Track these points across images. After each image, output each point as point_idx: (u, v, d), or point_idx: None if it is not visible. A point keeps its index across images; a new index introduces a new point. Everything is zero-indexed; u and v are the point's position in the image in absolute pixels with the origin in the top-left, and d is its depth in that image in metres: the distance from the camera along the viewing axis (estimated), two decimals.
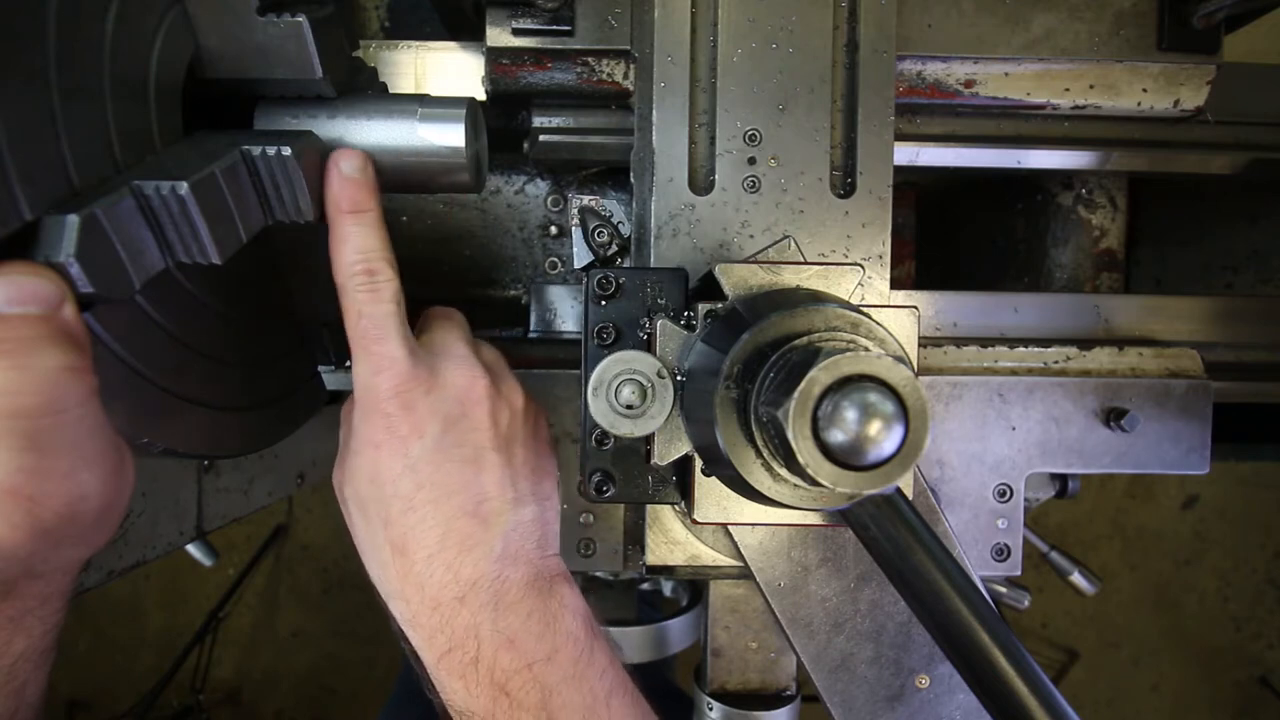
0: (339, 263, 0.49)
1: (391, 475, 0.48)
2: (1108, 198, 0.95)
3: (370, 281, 0.48)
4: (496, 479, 0.50)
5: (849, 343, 0.39)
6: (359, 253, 0.48)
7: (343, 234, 0.49)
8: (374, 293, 0.48)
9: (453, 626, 0.48)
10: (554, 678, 0.49)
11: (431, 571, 0.48)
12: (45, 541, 0.38)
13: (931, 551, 0.43)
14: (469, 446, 0.50)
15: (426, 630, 0.49)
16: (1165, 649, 2.23)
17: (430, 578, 0.48)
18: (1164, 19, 0.68)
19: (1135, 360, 0.72)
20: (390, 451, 0.48)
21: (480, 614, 0.48)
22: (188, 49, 0.49)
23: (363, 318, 0.48)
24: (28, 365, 0.35)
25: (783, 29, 0.60)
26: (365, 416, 0.49)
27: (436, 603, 0.48)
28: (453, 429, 0.49)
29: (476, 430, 0.50)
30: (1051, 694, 0.41)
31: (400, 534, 0.48)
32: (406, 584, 0.49)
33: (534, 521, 0.52)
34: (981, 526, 0.69)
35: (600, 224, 0.82)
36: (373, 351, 0.48)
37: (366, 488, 0.49)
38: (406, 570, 0.48)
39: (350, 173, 0.49)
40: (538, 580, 0.51)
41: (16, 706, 0.46)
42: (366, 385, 0.49)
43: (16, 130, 0.35)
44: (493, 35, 0.66)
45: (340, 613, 2.15)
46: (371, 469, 0.49)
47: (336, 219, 0.49)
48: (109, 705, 2.08)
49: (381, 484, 0.49)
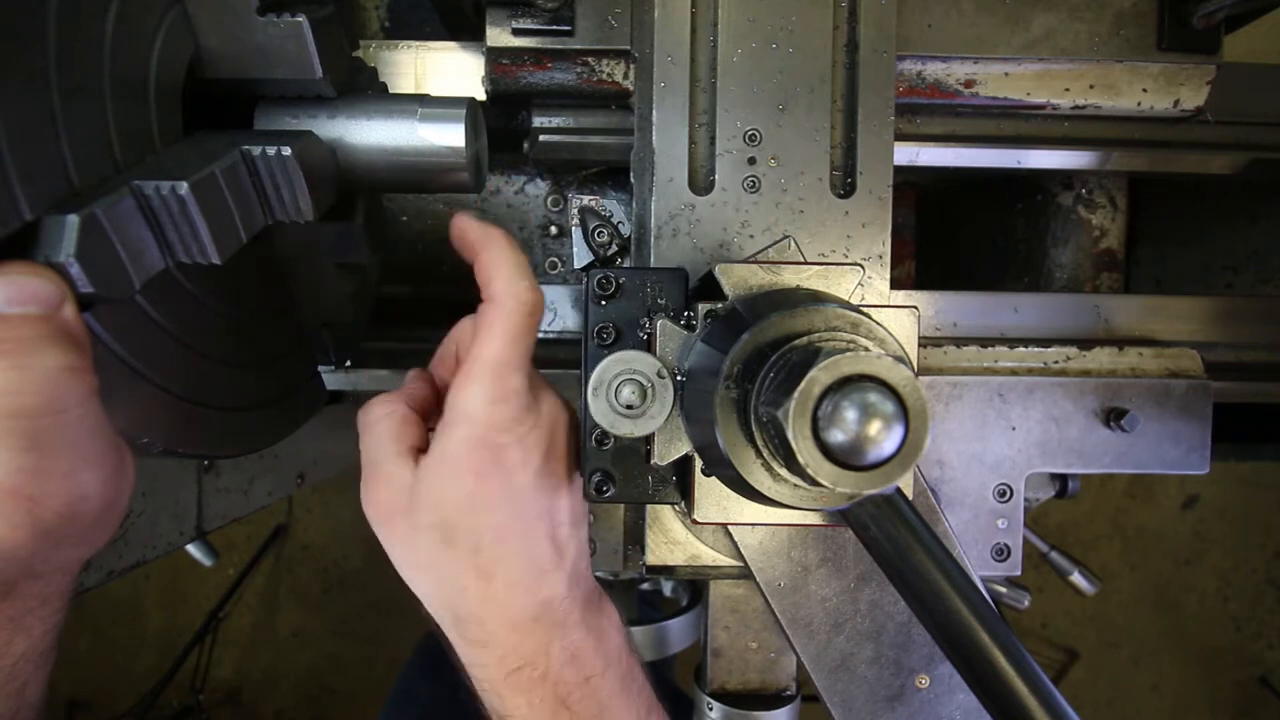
0: (504, 273, 0.49)
1: (491, 505, 0.48)
2: (1108, 198, 0.95)
3: (531, 309, 0.49)
4: (568, 505, 0.52)
5: (849, 343, 0.39)
6: (527, 277, 0.49)
7: (502, 246, 0.50)
8: (529, 319, 0.48)
9: (526, 646, 0.49)
10: (607, 692, 0.51)
11: (514, 596, 0.49)
12: (45, 541, 0.38)
13: (931, 551, 0.43)
14: (554, 476, 0.51)
15: (500, 650, 0.50)
16: (1165, 649, 2.23)
17: (511, 602, 0.49)
18: (1164, 19, 0.68)
19: (1135, 360, 0.72)
20: (495, 482, 0.48)
21: (551, 632, 0.50)
22: (188, 49, 0.49)
23: (512, 344, 0.48)
24: (28, 365, 0.35)
25: (783, 29, 0.60)
26: (471, 444, 0.47)
27: (515, 624, 0.49)
28: (546, 460, 0.50)
29: (560, 460, 0.51)
30: (1051, 694, 0.41)
31: (489, 561, 0.48)
32: (486, 607, 0.49)
33: (587, 541, 0.54)
34: (981, 526, 0.69)
35: (600, 224, 0.82)
36: (502, 379, 0.47)
37: (460, 515, 0.48)
38: (489, 595, 0.49)
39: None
40: (590, 598, 0.53)
41: (18, 706, 0.46)
42: (481, 411, 0.47)
43: (16, 130, 0.35)
44: (493, 35, 0.66)
45: (340, 613, 2.15)
46: (470, 497, 0.48)
47: (494, 239, 0.50)
48: (109, 705, 2.08)
49: (479, 513, 0.48)
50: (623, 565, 0.71)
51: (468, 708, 0.55)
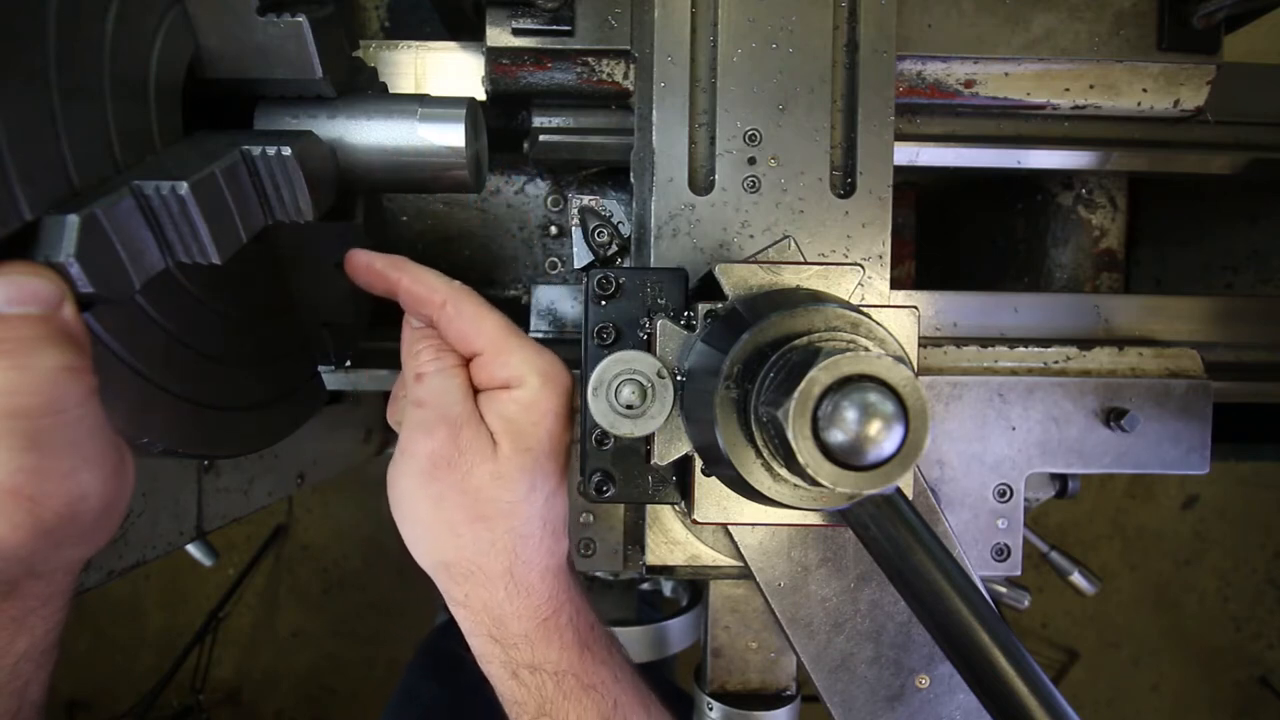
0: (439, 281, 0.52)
1: (560, 449, 0.53)
2: (1108, 198, 0.95)
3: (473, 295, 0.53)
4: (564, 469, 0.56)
5: (849, 343, 0.39)
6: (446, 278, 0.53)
7: (419, 268, 0.53)
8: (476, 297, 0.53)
9: (558, 592, 0.53)
10: (606, 635, 0.56)
11: (554, 544, 0.54)
12: (46, 541, 0.38)
13: (931, 551, 0.43)
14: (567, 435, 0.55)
15: (539, 596, 0.53)
16: (1165, 649, 2.23)
17: (554, 549, 0.54)
18: (1164, 19, 0.68)
19: (1135, 360, 0.72)
20: (564, 424, 0.53)
21: (568, 580, 0.55)
22: (188, 49, 0.49)
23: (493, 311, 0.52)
24: (28, 365, 0.35)
25: (783, 29, 0.60)
26: (547, 384, 0.51)
27: (551, 571, 0.53)
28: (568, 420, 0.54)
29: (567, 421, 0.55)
30: (1051, 694, 0.41)
31: (552, 508, 0.53)
32: (539, 552, 0.53)
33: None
34: (981, 526, 0.69)
35: (600, 224, 0.82)
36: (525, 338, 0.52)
37: (546, 459, 0.52)
38: (543, 540, 0.53)
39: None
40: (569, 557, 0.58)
41: (19, 706, 0.46)
42: (542, 360, 0.51)
43: (16, 130, 0.35)
44: (493, 35, 0.66)
45: (340, 613, 2.15)
46: (551, 438, 0.52)
47: (404, 263, 0.53)
48: (109, 705, 2.08)
49: (556, 456, 0.53)
50: (623, 565, 0.71)
51: (468, 708, 0.55)
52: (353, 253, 0.53)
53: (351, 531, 2.13)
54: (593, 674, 0.53)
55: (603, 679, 0.53)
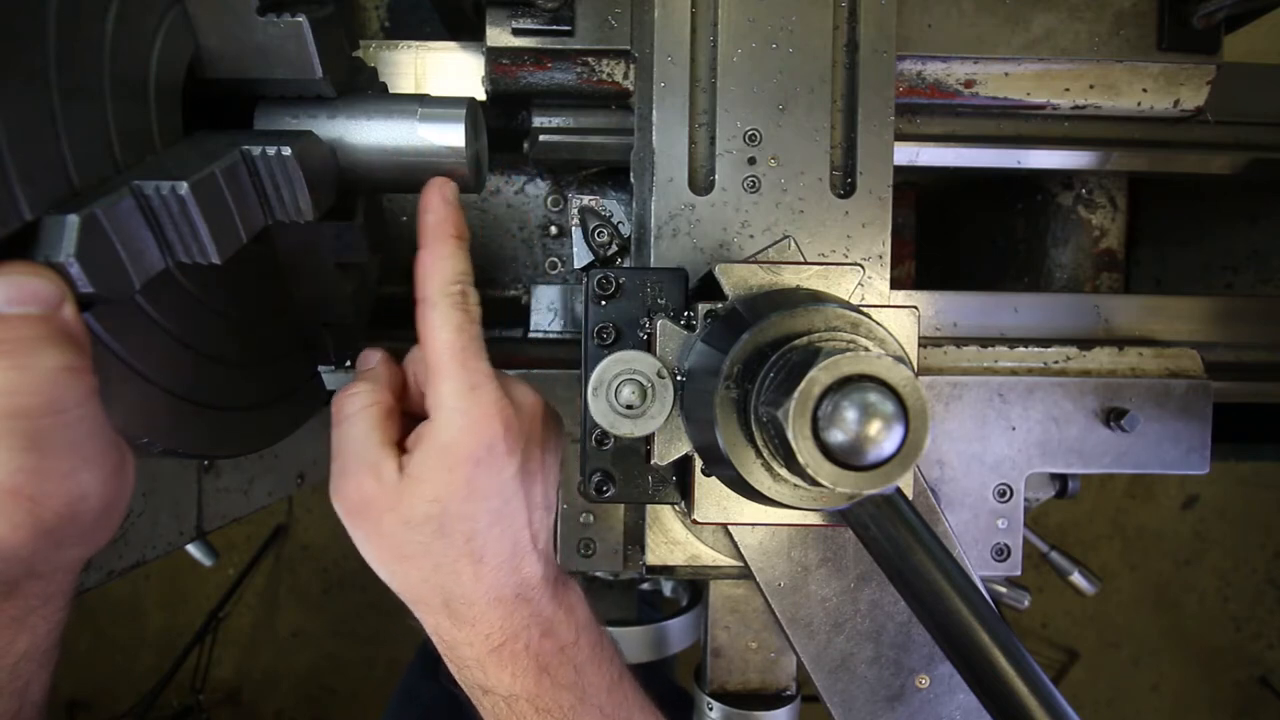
0: (437, 278, 0.49)
1: (486, 493, 0.49)
2: (1108, 198, 0.95)
3: (465, 302, 0.49)
4: (543, 490, 0.53)
5: (849, 343, 0.39)
6: (460, 274, 0.50)
7: (444, 253, 0.50)
8: (469, 312, 0.49)
9: (511, 621, 0.52)
10: (581, 658, 0.54)
11: (500, 576, 0.51)
12: (47, 541, 0.38)
13: (931, 551, 0.43)
14: (534, 464, 0.52)
15: (487, 627, 0.52)
16: (1165, 649, 2.23)
17: (499, 581, 0.51)
18: (1164, 19, 0.68)
19: (1135, 360, 0.72)
20: (489, 469, 0.49)
21: (529, 608, 0.52)
22: (188, 49, 0.49)
23: (461, 333, 0.48)
24: (28, 365, 0.35)
25: (783, 29, 0.60)
26: (465, 432, 0.48)
27: (500, 600, 0.51)
28: (529, 447, 0.51)
29: (536, 449, 0.52)
30: (1051, 694, 0.41)
31: (481, 546, 0.50)
32: (477, 588, 0.51)
33: (552, 525, 0.56)
34: (981, 526, 0.69)
35: (600, 224, 0.82)
36: (470, 367, 0.48)
37: (459, 504, 0.49)
38: (480, 576, 0.51)
39: (452, 198, 0.51)
40: (558, 575, 0.55)
41: (20, 705, 0.46)
42: (466, 401, 0.48)
43: (16, 130, 0.35)
44: (493, 35, 0.66)
45: (340, 613, 2.15)
46: (466, 486, 0.48)
47: (441, 239, 0.50)
48: (109, 705, 2.08)
49: (475, 500, 0.49)
50: (623, 565, 0.71)
51: (469, 708, 0.55)
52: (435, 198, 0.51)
53: None
54: (550, 698, 0.52)
55: (561, 703, 0.52)
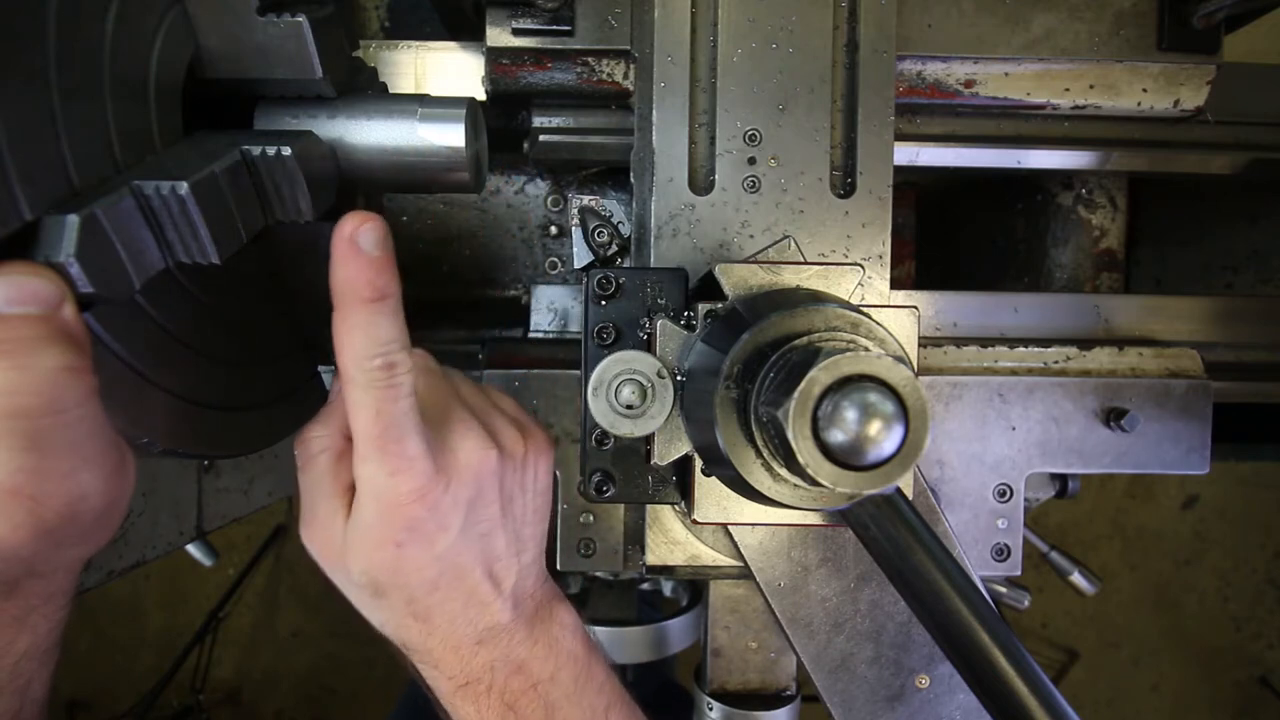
0: (350, 352, 0.43)
1: (417, 567, 0.47)
2: (1108, 198, 0.95)
3: (389, 378, 0.43)
4: (504, 540, 0.51)
5: (849, 343, 0.39)
6: (377, 344, 0.43)
7: (357, 322, 0.43)
8: (393, 389, 0.43)
9: (471, 666, 0.51)
10: (556, 694, 0.52)
11: (454, 629, 0.51)
12: (47, 541, 0.38)
13: (931, 551, 0.43)
14: (485, 522, 0.50)
15: (447, 671, 0.51)
16: (1165, 649, 2.23)
17: (452, 634, 0.51)
18: (1164, 19, 0.68)
19: (1135, 360, 0.72)
20: (415, 548, 0.47)
21: (494, 652, 0.52)
22: (188, 49, 0.49)
23: (380, 416, 0.43)
24: (28, 365, 0.35)
25: (783, 29, 0.60)
26: (382, 518, 0.46)
27: (458, 649, 0.51)
28: (472, 511, 0.49)
29: (490, 504, 0.50)
30: (1051, 694, 0.41)
31: (424, 609, 0.50)
32: (429, 640, 0.51)
33: (534, 561, 0.54)
34: (981, 526, 0.69)
35: (600, 224, 0.82)
36: (390, 452, 0.44)
37: (387, 577, 0.48)
38: (429, 633, 0.51)
39: (370, 249, 0.42)
40: (540, 610, 0.54)
41: (21, 705, 0.46)
42: (383, 486, 0.45)
43: (16, 130, 0.35)
44: (493, 35, 0.66)
45: (340, 613, 2.13)
46: (394, 564, 0.47)
47: (352, 306, 0.43)
48: (109, 705, 2.08)
49: (406, 574, 0.48)
50: (623, 565, 0.71)
51: None
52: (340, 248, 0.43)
53: None
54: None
55: None
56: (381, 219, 0.44)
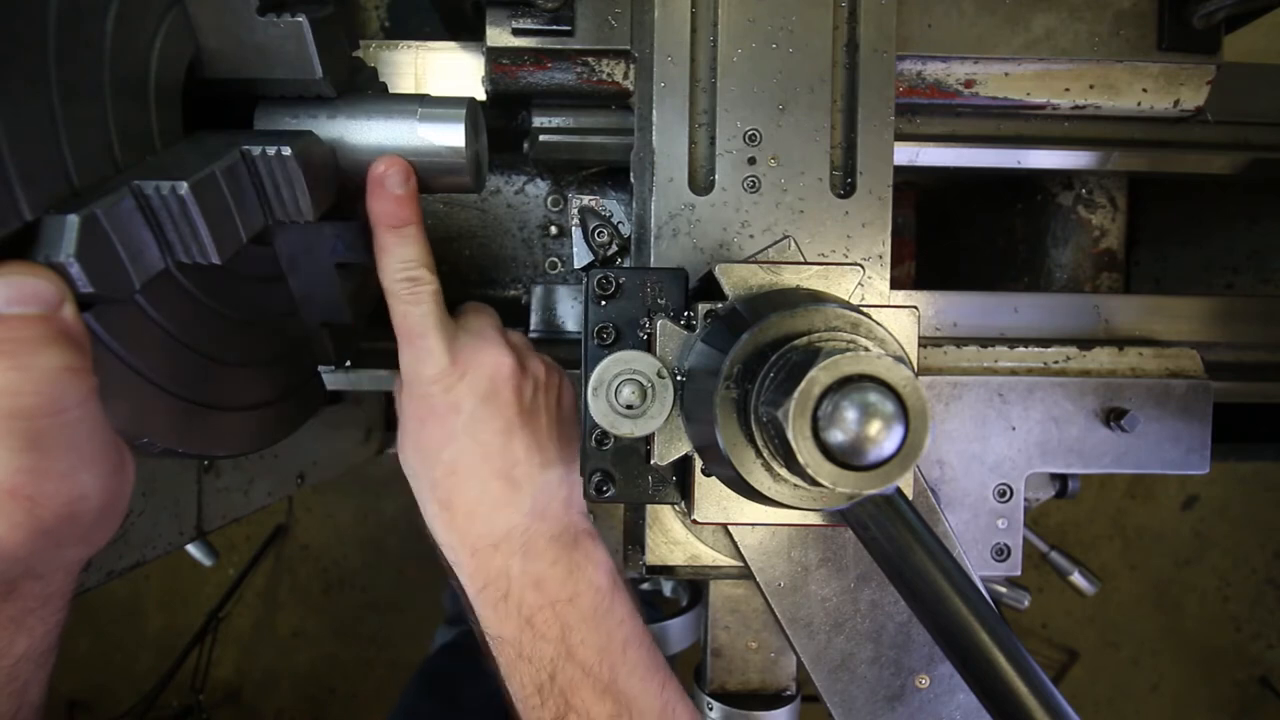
0: (383, 270, 0.54)
1: (435, 445, 0.56)
2: (1108, 198, 0.95)
3: (412, 286, 0.54)
4: (525, 445, 0.57)
5: (849, 343, 0.39)
6: (401, 262, 0.54)
7: (386, 245, 0.54)
8: (415, 295, 0.54)
9: (488, 568, 0.56)
10: (573, 617, 0.56)
11: (471, 524, 0.57)
12: (46, 541, 0.38)
13: (931, 551, 0.43)
14: (500, 419, 0.56)
15: (467, 570, 0.57)
16: (1165, 649, 2.23)
17: (470, 529, 0.57)
18: (1164, 19, 0.68)
19: (1135, 360, 0.72)
20: (433, 426, 0.56)
21: (511, 559, 0.56)
22: (188, 49, 0.49)
23: (407, 317, 0.55)
24: (28, 365, 0.35)
25: (783, 29, 0.60)
26: (411, 398, 0.57)
27: (474, 549, 0.57)
28: (485, 404, 0.56)
29: (507, 405, 0.57)
30: (1051, 694, 0.41)
31: (445, 493, 0.57)
32: (451, 533, 0.57)
33: (560, 482, 0.59)
34: (981, 526, 0.69)
35: (600, 224, 0.82)
36: (415, 345, 0.55)
37: (414, 457, 0.57)
38: (450, 522, 0.57)
39: (394, 188, 0.53)
40: (564, 534, 0.58)
41: (18, 706, 0.46)
42: (412, 373, 0.56)
43: (16, 130, 0.35)
44: (493, 35, 0.66)
45: (340, 613, 2.15)
46: (418, 440, 0.57)
47: (381, 232, 0.54)
48: (109, 705, 2.08)
49: (426, 453, 0.56)
50: (623, 565, 0.71)
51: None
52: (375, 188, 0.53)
53: (351, 531, 2.12)
54: (531, 647, 0.55)
55: (542, 654, 0.55)
56: (406, 163, 0.54)
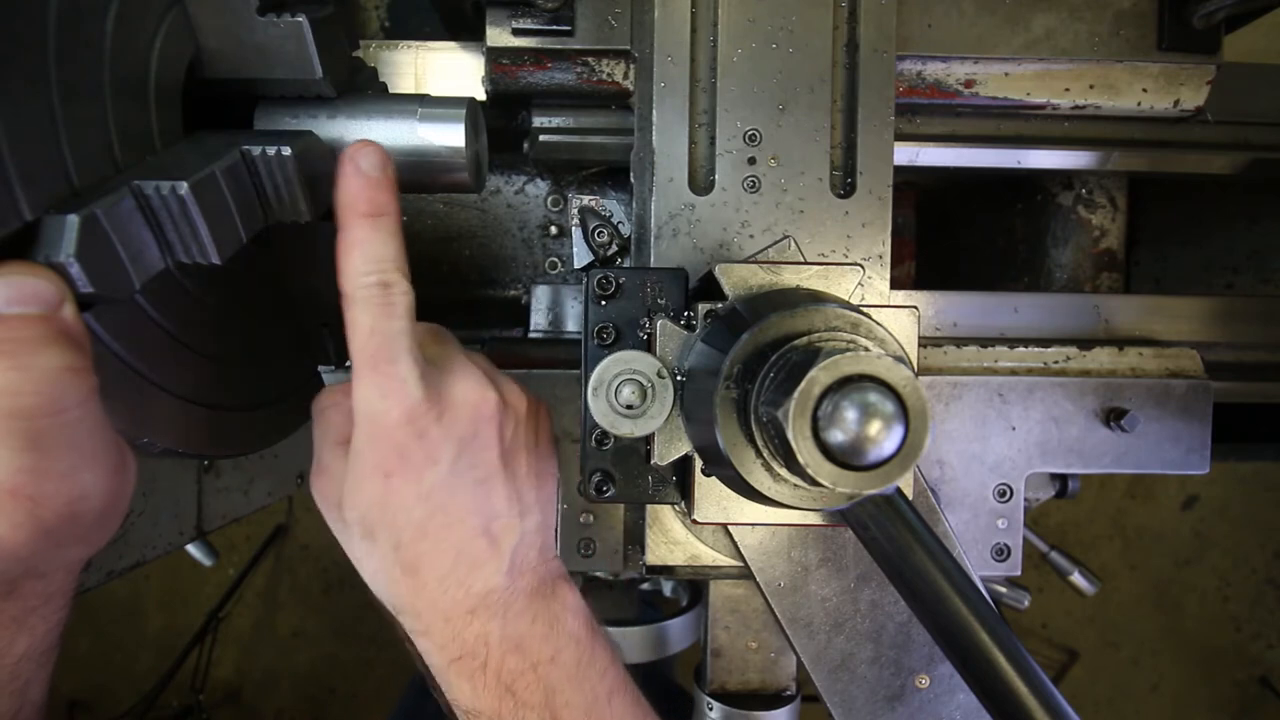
0: (348, 269, 0.44)
1: (404, 504, 0.46)
2: (1108, 198, 0.95)
3: (384, 294, 0.44)
4: (505, 495, 0.49)
5: (849, 343, 0.39)
6: (374, 262, 0.44)
7: (356, 238, 0.44)
8: (387, 307, 0.44)
9: (464, 637, 0.49)
10: (557, 677, 0.50)
11: (445, 590, 0.48)
12: (47, 541, 0.38)
13: (931, 551, 0.43)
14: (481, 468, 0.48)
15: (439, 640, 0.49)
16: (1165, 649, 2.22)
17: (443, 595, 0.48)
18: (1164, 19, 0.68)
19: (1135, 360, 0.72)
20: (403, 480, 0.46)
21: (490, 624, 0.49)
22: (188, 49, 0.49)
23: (374, 334, 0.44)
24: (28, 365, 0.35)
25: (783, 29, 0.60)
26: (373, 442, 0.45)
27: (448, 617, 0.49)
28: (465, 452, 0.47)
29: (487, 449, 0.48)
30: (1051, 694, 0.41)
31: (412, 557, 0.47)
32: (418, 600, 0.48)
33: (537, 530, 0.52)
34: (981, 526, 0.69)
35: (600, 224, 0.82)
36: (382, 372, 0.44)
37: (376, 513, 0.47)
38: (419, 589, 0.48)
39: (370, 170, 0.44)
40: (541, 586, 0.52)
41: (19, 706, 0.46)
42: (375, 409, 0.45)
43: (16, 130, 0.35)
44: (493, 35, 0.66)
45: (340, 613, 2.15)
46: (381, 497, 0.46)
47: (350, 221, 0.44)
48: (109, 705, 2.08)
49: (393, 511, 0.46)
50: (623, 565, 0.71)
51: None
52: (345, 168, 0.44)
53: None
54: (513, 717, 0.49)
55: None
56: (382, 149, 0.46)
